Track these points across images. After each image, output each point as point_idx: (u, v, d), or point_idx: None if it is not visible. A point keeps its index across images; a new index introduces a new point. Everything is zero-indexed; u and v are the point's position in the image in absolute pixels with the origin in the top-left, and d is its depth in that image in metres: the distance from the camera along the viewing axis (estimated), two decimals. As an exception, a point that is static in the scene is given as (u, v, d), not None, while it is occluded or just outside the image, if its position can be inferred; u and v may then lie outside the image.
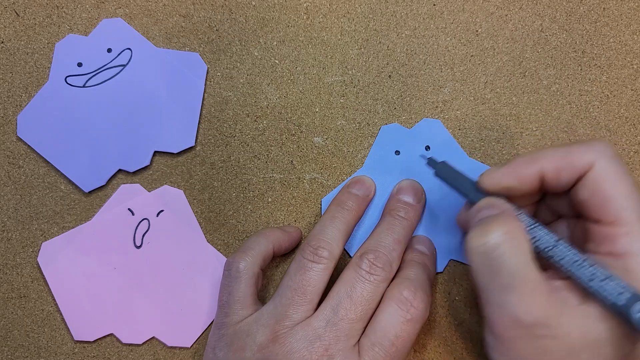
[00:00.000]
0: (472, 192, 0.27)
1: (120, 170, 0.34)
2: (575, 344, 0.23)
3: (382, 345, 0.27)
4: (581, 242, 0.26)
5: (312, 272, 0.28)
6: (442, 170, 0.29)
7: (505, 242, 0.23)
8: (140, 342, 0.34)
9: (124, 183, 0.34)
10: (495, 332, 0.24)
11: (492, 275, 0.23)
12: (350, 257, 0.34)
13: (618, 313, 0.22)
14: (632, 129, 0.34)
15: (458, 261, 0.33)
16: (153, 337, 0.34)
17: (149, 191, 0.34)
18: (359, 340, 0.27)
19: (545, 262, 0.25)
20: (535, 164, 0.25)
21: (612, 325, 0.22)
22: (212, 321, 0.34)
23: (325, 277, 0.29)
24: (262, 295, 0.34)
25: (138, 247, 0.34)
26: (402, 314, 0.27)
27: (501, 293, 0.23)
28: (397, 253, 0.29)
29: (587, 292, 0.23)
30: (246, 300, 0.29)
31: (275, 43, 0.35)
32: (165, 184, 0.34)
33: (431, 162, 0.30)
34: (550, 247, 0.24)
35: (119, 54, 0.34)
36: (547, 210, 0.29)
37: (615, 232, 0.23)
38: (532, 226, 0.25)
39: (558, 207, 0.28)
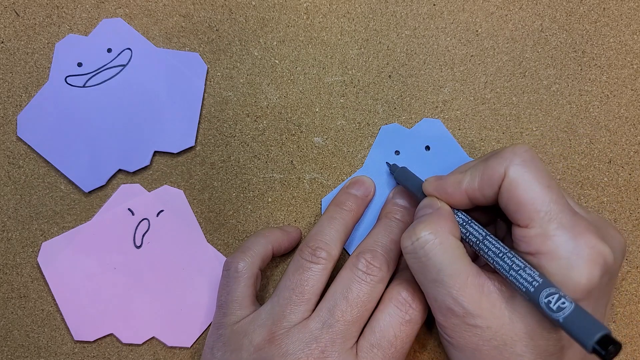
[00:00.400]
0: (420, 194, 0.29)
1: (120, 170, 0.34)
2: (507, 335, 0.24)
3: (380, 346, 0.27)
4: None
5: (310, 272, 0.28)
6: (400, 176, 0.31)
7: (430, 240, 0.25)
8: (140, 342, 0.34)
9: (124, 183, 0.34)
10: (438, 321, 0.26)
11: (423, 271, 0.25)
12: (349, 256, 0.34)
13: (532, 302, 0.23)
14: (632, 129, 0.34)
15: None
16: (153, 337, 0.34)
17: (149, 191, 0.34)
18: (356, 341, 0.27)
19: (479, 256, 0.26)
20: (459, 186, 0.27)
21: (537, 319, 0.24)
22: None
23: (324, 277, 0.29)
24: (261, 295, 0.34)
25: (138, 247, 0.34)
26: (400, 315, 0.27)
27: (433, 287, 0.25)
28: (394, 253, 0.29)
29: (511, 286, 0.24)
30: (244, 301, 0.29)
31: (275, 43, 0.35)
32: (165, 184, 0.34)
33: (392, 168, 0.32)
34: (479, 241, 0.26)
35: (119, 54, 0.34)
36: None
37: (529, 233, 0.24)
38: (465, 223, 0.27)
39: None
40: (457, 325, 0.25)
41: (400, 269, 0.30)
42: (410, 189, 0.30)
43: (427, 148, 0.34)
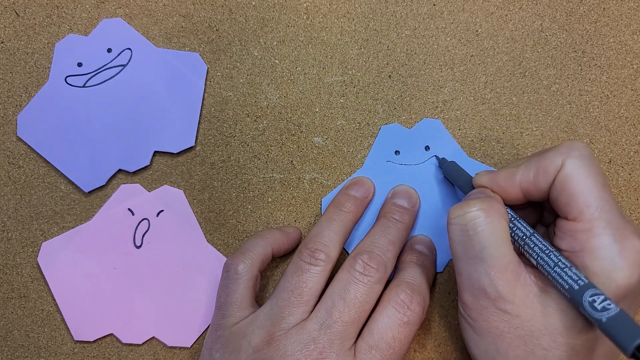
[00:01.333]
0: (469, 189, 0.29)
1: (120, 170, 0.34)
2: (536, 328, 0.24)
3: (379, 347, 0.27)
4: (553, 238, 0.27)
5: (308, 273, 0.28)
6: (449, 169, 0.31)
7: (480, 217, 0.25)
8: (140, 342, 0.34)
9: (124, 183, 0.34)
10: (464, 302, 0.26)
11: (466, 245, 0.25)
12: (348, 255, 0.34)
13: (572, 300, 0.23)
14: (632, 129, 0.34)
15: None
16: (153, 337, 0.34)
17: (149, 191, 0.34)
18: (355, 343, 0.27)
19: (520, 253, 0.26)
20: (513, 178, 0.27)
21: (570, 317, 0.24)
22: (212, 321, 0.34)
23: (322, 279, 0.29)
24: (261, 295, 0.34)
25: (138, 247, 0.34)
26: (399, 316, 0.27)
27: (472, 263, 0.25)
28: (392, 254, 0.29)
29: (549, 281, 0.24)
30: (244, 303, 0.29)
31: (275, 43, 0.35)
32: (165, 184, 0.34)
33: (441, 161, 0.32)
34: (526, 237, 0.26)
35: (119, 54, 0.34)
36: (546, 211, 0.30)
37: (577, 228, 0.24)
38: (512, 218, 0.27)
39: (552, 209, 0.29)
40: (486, 308, 0.25)
41: (399, 270, 0.30)
42: (458, 183, 0.30)
43: (427, 148, 0.34)
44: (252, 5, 0.35)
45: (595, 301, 0.22)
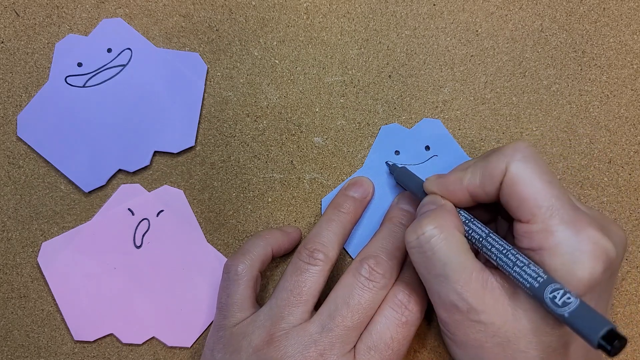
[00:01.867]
0: (421, 193, 0.29)
1: (120, 170, 0.34)
2: (511, 332, 0.24)
3: (377, 348, 0.27)
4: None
5: (307, 273, 0.28)
6: (400, 175, 0.31)
7: (435, 235, 0.25)
8: (140, 342, 0.34)
9: (124, 183, 0.34)
10: (440, 319, 0.26)
11: (427, 266, 0.25)
12: (349, 255, 0.34)
13: (536, 298, 0.23)
14: (632, 129, 0.34)
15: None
16: (153, 337, 0.34)
17: (149, 191, 0.34)
18: (354, 345, 0.27)
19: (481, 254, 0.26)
20: (461, 184, 0.27)
21: (541, 315, 0.24)
22: (212, 322, 0.34)
23: (321, 279, 0.29)
24: (261, 295, 0.34)
25: (138, 247, 0.34)
26: (397, 316, 0.27)
27: (437, 282, 0.25)
28: (398, 260, 0.29)
29: (513, 282, 0.24)
30: (244, 303, 0.29)
31: (275, 43, 0.35)
32: (165, 184, 0.34)
33: (391, 168, 0.32)
34: (482, 238, 0.26)
35: (119, 54, 0.34)
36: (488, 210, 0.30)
37: (531, 229, 0.24)
38: (467, 220, 0.27)
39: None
40: (460, 321, 0.25)
41: (403, 267, 0.30)
42: (410, 188, 0.30)
43: (427, 148, 0.34)
44: (252, 5, 0.35)
45: (556, 297, 0.22)
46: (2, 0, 0.35)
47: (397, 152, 0.34)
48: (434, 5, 0.34)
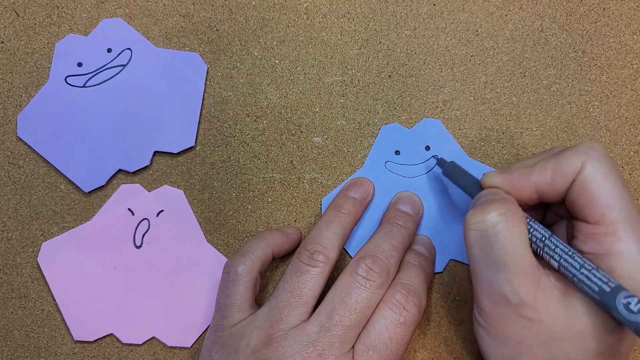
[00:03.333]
0: (475, 190, 0.28)
1: (120, 170, 0.34)
2: (559, 332, 0.24)
3: (376, 348, 0.27)
4: (571, 241, 0.26)
5: (308, 275, 0.28)
6: (450, 169, 0.30)
7: (501, 222, 0.24)
8: (140, 342, 0.34)
9: (124, 183, 0.34)
10: (482, 309, 0.26)
11: (485, 252, 0.25)
12: (349, 255, 0.34)
13: (602, 303, 0.22)
14: (632, 129, 0.34)
15: (458, 261, 0.33)
16: (153, 337, 0.34)
17: (149, 191, 0.34)
18: (353, 345, 0.27)
19: (537, 255, 0.26)
20: (529, 179, 0.26)
21: (595, 320, 0.23)
22: (212, 321, 0.34)
23: (321, 280, 0.29)
24: (261, 296, 0.34)
25: (138, 247, 0.34)
26: (395, 317, 0.27)
27: (492, 270, 0.24)
28: (395, 259, 0.29)
29: (573, 284, 0.24)
30: (243, 304, 0.29)
31: (275, 43, 0.35)
32: (165, 184, 0.34)
33: (440, 162, 0.31)
34: (545, 238, 0.25)
35: (119, 54, 0.35)
36: (549, 211, 0.29)
37: (600, 231, 0.24)
38: (529, 220, 0.26)
39: (558, 209, 0.28)
40: (506, 314, 0.24)
41: (398, 270, 0.30)
42: (462, 184, 0.29)
43: (427, 148, 0.34)
44: (252, 5, 0.35)
45: (631, 303, 0.21)
46: (2, 0, 0.35)
47: (397, 152, 0.34)
48: (434, 5, 0.34)
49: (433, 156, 0.33)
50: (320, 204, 0.34)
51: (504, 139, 0.34)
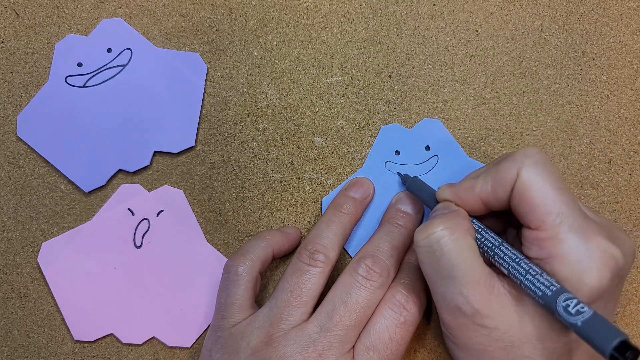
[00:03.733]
0: (434, 203, 0.29)
1: (120, 170, 0.34)
2: (515, 337, 0.24)
3: (376, 348, 0.27)
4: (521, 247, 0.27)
5: (308, 275, 0.28)
6: (412, 185, 0.31)
7: (446, 236, 0.25)
8: (140, 342, 0.34)
9: (124, 183, 0.34)
10: (443, 321, 0.26)
11: (435, 267, 0.25)
12: (349, 255, 0.34)
13: (546, 306, 0.23)
14: (632, 129, 0.34)
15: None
16: (153, 337, 0.34)
17: (149, 191, 0.34)
18: (353, 345, 0.27)
19: (490, 263, 0.26)
20: (473, 191, 0.27)
21: (546, 323, 0.24)
22: (212, 321, 0.34)
23: (322, 280, 0.29)
24: (261, 296, 0.34)
25: (138, 247, 0.34)
26: (395, 317, 0.27)
27: (443, 283, 0.25)
28: (395, 259, 0.29)
29: (522, 290, 0.24)
30: (244, 304, 0.29)
31: (275, 43, 0.35)
32: (165, 184, 0.34)
33: (404, 178, 0.32)
34: (495, 247, 0.26)
35: (119, 54, 0.34)
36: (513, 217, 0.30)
37: (542, 236, 0.24)
38: (480, 229, 0.27)
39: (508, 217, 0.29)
40: (465, 325, 0.25)
41: (397, 270, 0.30)
42: (422, 198, 0.30)
43: (427, 148, 0.34)
44: (252, 5, 0.35)
45: (569, 305, 0.22)
46: (2, 0, 0.35)
47: (397, 152, 0.34)
48: (434, 5, 0.34)
49: (397, 172, 0.33)
50: (320, 204, 0.34)
51: (504, 139, 0.34)
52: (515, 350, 0.24)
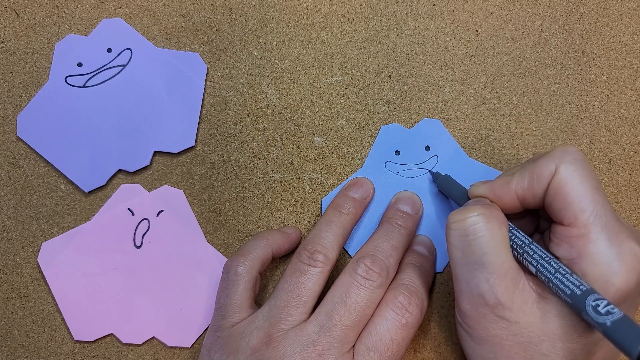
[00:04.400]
0: (464, 200, 0.29)
1: (120, 170, 0.34)
2: (535, 334, 0.24)
3: (377, 349, 0.27)
4: (549, 245, 0.27)
5: (307, 275, 0.28)
6: (443, 182, 0.31)
7: (481, 222, 0.25)
8: (140, 342, 0.34)
9: (124, 183, 0.34)
10: (462, 309, 0.26)
11: (465, 251, 0.25)
12: (348, 255, 0.34)
13: (574, 306, 0.23)
14: (632, 129, 0.34)
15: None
16: (153, 337, 0.34)
17: (149, 191, 0.34)
18: (353, 346, 0.27)
19: (519, 261, 0.26)
20: (509, 187, 0.27)
21: (569, 322, 0.24)
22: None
23: (321, 280, 0.28)
24: (261, 296, 0.34)
25: (138, 247, 0.34)
26: (397, 318, 0.27)
27: (471, 269, 0.25)
28: (394, 259, 0.29)
29: (549, 289, 0.24)
30: (243, 304, 0.29)
31: (275, 43, 0.35)
32: (165, 184, 0.34)
33: (435, 176, 0.32)
34: (525, 245, 0.26)
35: (119, 54, 0.34)
36: (541, 219, 0.30)
37: (573, 233, 0.24)
38: (511, 227, 0.27)
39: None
40: (484, 315, 0.25)
41: (398, 272, 0.30)
42: (453, 196, 0.30)
43: (427, 148, 0.34)
44: (252, 5, 0.35)
45: (599, 305, 0.22)
46: (2, 0, 0.35)
47: (397, 152, 0.34)
48: (434, 5, 0.34)
49: (428, 170, 0.33)
50: (320, 204, 0.34)
51: (504, 139, 0.34)
52: (533, 347, 0.24)
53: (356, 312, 0.27)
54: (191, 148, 0.34)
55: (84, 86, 0.34)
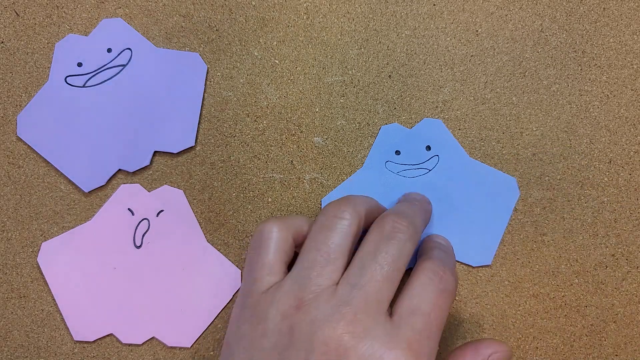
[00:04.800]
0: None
1: (120, 170, 0.34)
2: None
3: (420, 311, 0.25)
4: None
5: (335, 229, 0.26)
6: None
7: None
8: (140, 342, 0.34)
9: (124, 183, 0.34)
10: None
11: None
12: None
13: None
14: (632, 129, 0.34)
15: (458, 261, 0.33)
16: (153, 337, 0.34)
17: (149, 191, 0.34)
18: (390, 306, 0.26)
19: None
20: None
21: None
22: (212, 321, 0.34)
23: (350, 234, 0.27)
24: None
25: (138, 247, 0.34)
26: (435, 283, 0.26)
27: None
28: (420, 221, 0.28)
29: None
30: (275, 266, 0.27)
31: (275, 43, 0.35)
32: (165, 184, 0.34)
33: None
34: None
35: (119, 54, 0.34)
36: None
37: None
38: None
39: None
40: None
41: (426, 250, 0.30)
42: None
43: (428, 148, 0.34)
44: (252, 5, 0.35)
45: None
46: (2, 0, 0.35)
47: (397, 152, 0.34)
48: (434, 5, 0.34)
49: None
50: (320, 204, 0.34)
51: (504, 139, 0.34)
52: None
53: (388, 264, 0.25)
54: (191, 148, 0.34)
55: (84, 86, 0.34)
